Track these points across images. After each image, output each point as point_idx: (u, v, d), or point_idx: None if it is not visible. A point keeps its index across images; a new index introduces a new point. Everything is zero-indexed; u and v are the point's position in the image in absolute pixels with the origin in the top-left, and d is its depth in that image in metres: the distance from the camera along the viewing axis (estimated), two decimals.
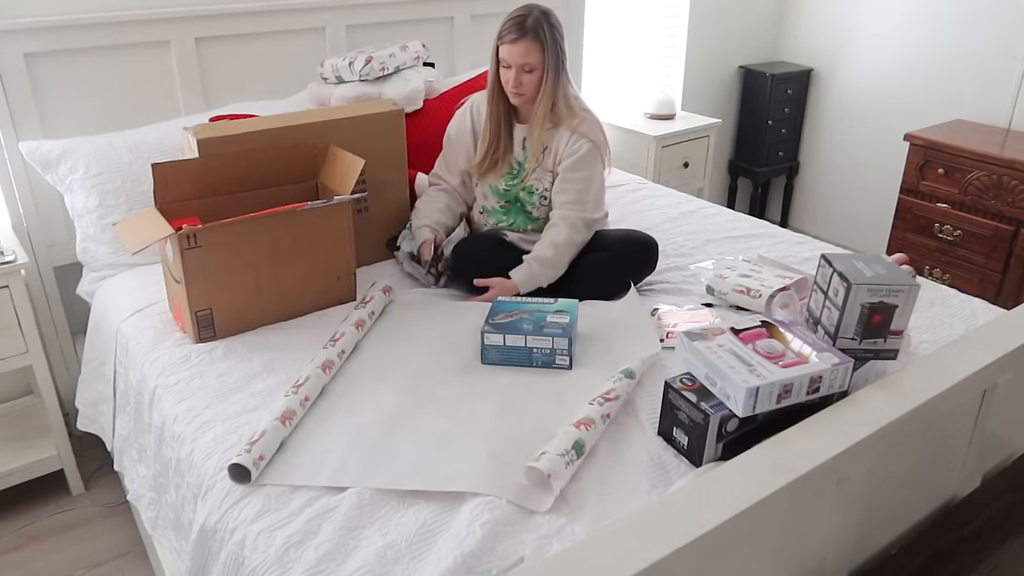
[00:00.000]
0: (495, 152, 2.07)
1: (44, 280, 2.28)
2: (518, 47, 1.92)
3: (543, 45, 1.93)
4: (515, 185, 2.08)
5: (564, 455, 1.32)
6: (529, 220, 2.11)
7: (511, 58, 1.93)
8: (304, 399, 1.52)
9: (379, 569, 1.16)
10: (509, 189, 2.09)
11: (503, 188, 2.10)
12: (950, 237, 3.02)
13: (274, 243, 1.81)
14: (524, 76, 1.95)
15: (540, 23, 1.92)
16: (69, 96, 2.22)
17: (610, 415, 1.46)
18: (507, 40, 1.93)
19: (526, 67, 1.93)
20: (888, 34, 3.47)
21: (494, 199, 2.12)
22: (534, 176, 2.05)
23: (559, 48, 1.96)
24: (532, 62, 1.93)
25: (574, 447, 1.35)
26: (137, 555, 2.06)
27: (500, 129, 2.06)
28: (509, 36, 1.93)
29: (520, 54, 1.92)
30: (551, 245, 1.98)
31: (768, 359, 1.33)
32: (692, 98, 3.72)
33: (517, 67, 1.94)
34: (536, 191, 2.06)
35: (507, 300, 1.81)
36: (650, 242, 2.06)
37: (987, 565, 1.32)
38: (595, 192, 2.03)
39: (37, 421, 2.34)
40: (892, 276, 1.36)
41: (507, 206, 2.12)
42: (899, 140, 3.15)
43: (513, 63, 1.94)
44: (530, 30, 1.91)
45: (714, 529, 0.95)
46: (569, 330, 1.66)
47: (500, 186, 2.10)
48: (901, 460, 1.30)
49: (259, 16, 2.42)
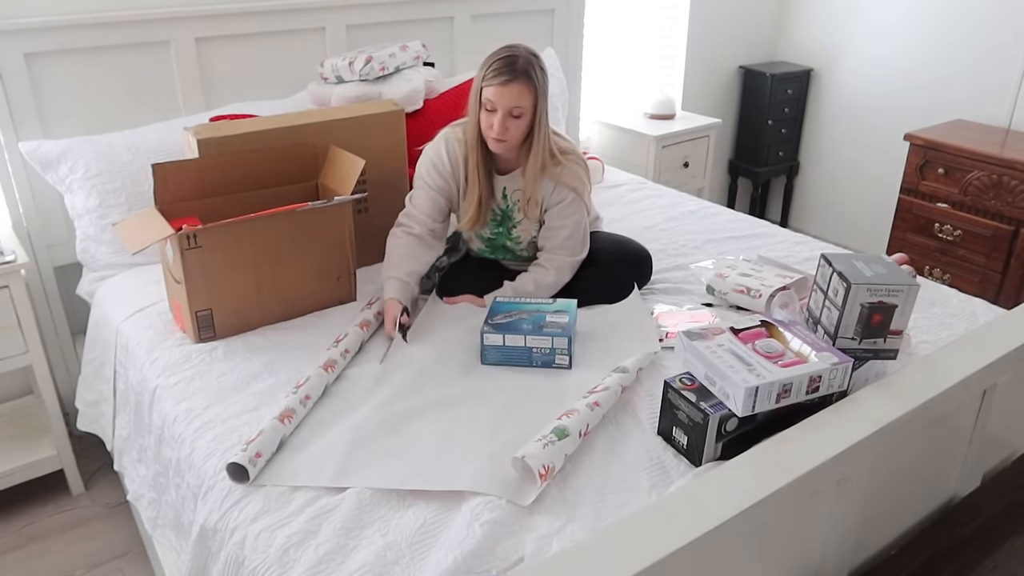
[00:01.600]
0: (481, 204, 1.91)
1: (44, 280, 2.28)
2: (509, 90, 1.74)
3: (536, 88, 1.77)
4: (501, 234, 1.99)
5: (541, 439, 1.34)
6: (517, 257, 2.05)
7: (500, 101, 1.75)
8: (304, 397, 1.52)
9: (379, 569, 1.16)
10: (495, 238, 2.00)
11: (488, 236, 2.01)
12: (950, 237, 3.02)
13: (274, 243, 1.81)
14: (511, 121, 1.77)
15: (531, 64, 1.76)
16: (69, 96, 2.22)
17: (599, 403, 1.47)
18: (496, 82, 1.74)
19: (515, 111, 1.76)
20: (888, 34, 3.47)
21: (478, 242, 2.04)
22: (520, 227, 1.96)
23: (547, 95, 1.82)
24: (523, 106, 1.76)
25: (553, 431, 1.36)
26: (137, 555, 2.06)
27: (483, 179, 1.89)
28: (499, 77, 1.74)
29: (511, 97, 1.74)
30: (533, 282, 1.91)
31: (767, 359, 1.33)
32: (692, 98, 3.72)
33: (504, 111, 1.75)
34: (523, 240, 1.98)
35: (506, 300, 1.81)
36: (643, 256, 2.02)
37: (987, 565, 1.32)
38: (581, 236, 1.94)
39: (37, 421, 2.34)
40: (892, 276, 1.36)
41: (493, 247, 2.04)
42: (899, 140, 3.15)
43: (501, 107, 1.75)
44: (522, 72, 1.74)
45: (714, 529, 0.95)
46: (568, 329, 1.67)
47: (485, 234, 2.01)
48: (901, 460, 1.30)
49: (259, 16, 2.42)
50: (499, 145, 1.82)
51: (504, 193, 1.93)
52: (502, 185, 1.93)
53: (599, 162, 2.88)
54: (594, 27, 3.32)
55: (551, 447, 1.33)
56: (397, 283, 1.86)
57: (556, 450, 1.33)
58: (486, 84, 1.77)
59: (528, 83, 1.75)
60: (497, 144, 1.82)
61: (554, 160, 1.87)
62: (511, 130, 1.78)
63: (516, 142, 1.83)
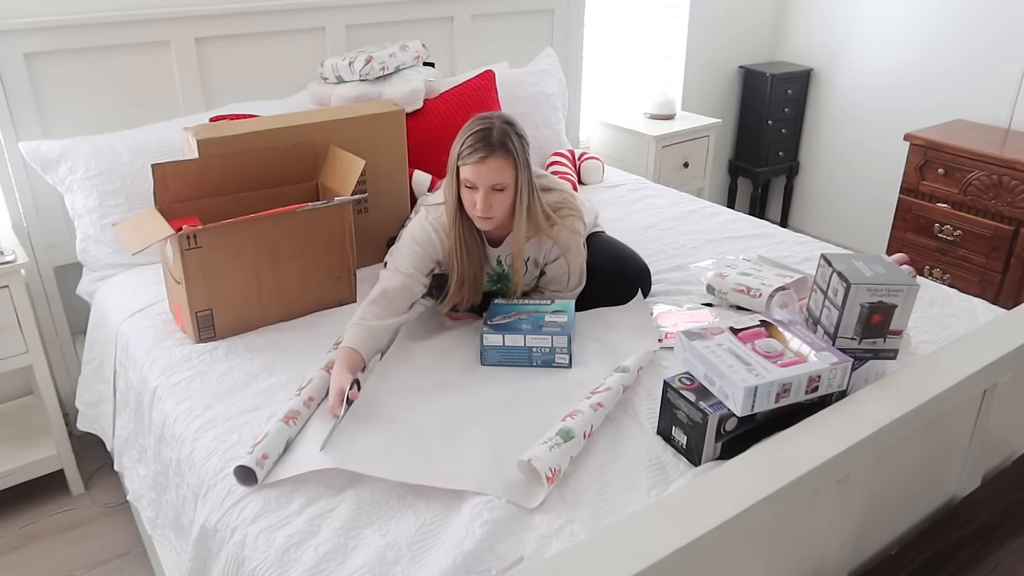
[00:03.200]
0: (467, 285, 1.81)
1: (44, 280, 2.28)
2: (486, 166, 1.64)
3: (515, 160, 1.66)
4: (500, 289, 1.92)
5: (547, 442, 1.34)
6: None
7: (478, 178, 1.65)
8: (308, 399, 1.52)
9: (379, 569, 1.16)
10: (494, 291, 1.93)
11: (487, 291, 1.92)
12: (950, 237, 3.02)
13: (274, 244, 1.81)
14: (494, 196, 1.68)
15: (507, 134, 1.66)
16: (69, 96, 2.22)
17: (602, 404, 1.47)
18: (472, 160, 1.64)
19: (497, 186, 1.67)
20: (888, 34, 3.47)
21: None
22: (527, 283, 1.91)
23: (528, 161, 1.72)
24: (504, 181, 1.66)
25: (559, 433, 1.37)
26: (137, 555, 2.06)
27: (468, 260, 1.79)
28: (475, 155, 1.64)
29: (489, 174, 1.65)
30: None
31: (767, 358, 1.33)
32: (692, 98, 3.72)
33: (486, 188, 1.66)
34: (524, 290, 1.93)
35: (504, 302, 1.81)
36: (642, 272, 1.98)
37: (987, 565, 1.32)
38: (579, 276, 1.89)
39: (37, 421, 2.34)
40: (892, 276, 1.36)
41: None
42: (899, 140, 3.15)
43: (481, 184, 1.66)
44: (498, 144, 1.64)
45: (714, 529, 0.95)
46: (568, 328, 1.67)
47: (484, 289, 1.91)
48: (901, 460, 1.30)
49: (259, 16, 2.42)
50: (486, 223, 1.73)
51: (499, 260, 1.86)
52: (496, 255, 1.85)
53: (599, 162, 2.88)
54: (594, 27, 3.32)
55: (557, 449, 1.33)
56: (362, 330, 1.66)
57: (562, 452, 1.34)
58: (462, 163, 1.67)
59: (506, 156, 1.65)
60: (484, 222, 1.73)
61: (548, 221, 1.79)
62: (495, 206, 1.69)
63: (503, 216, 1.73)
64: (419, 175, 2.32)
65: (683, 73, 3.66)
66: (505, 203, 1.71)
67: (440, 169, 2.36)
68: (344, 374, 1.55)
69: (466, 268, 1.79)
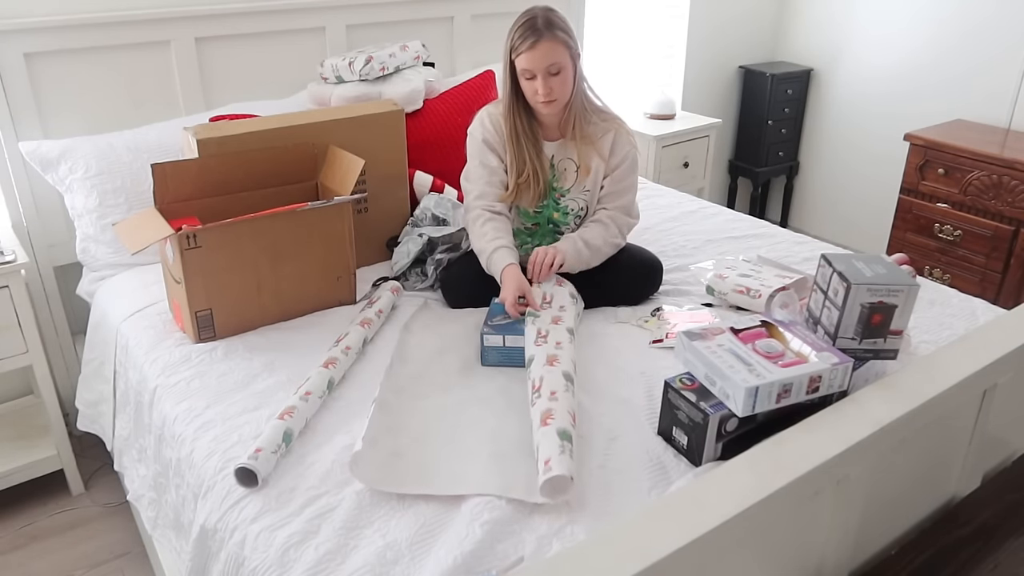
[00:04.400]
0: (529, 175, 1.90)
1: (44, 280, 2.28)
2: (539, 50, 1.76)
3: (566, 40, 1.78)
4: (547, 206, 1.96)
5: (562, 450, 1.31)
6: (556, 240, 1.97)
7: (534, 64, 1.76)
8: (305, 394, 1.52)
9: (379, 569, 1.16)
10: (540, 211, 1.98)
11: (533, 211, 1.98)
12: (950, 237, 3.02)
13: (274, 243, 1.80)
14: (553, 80, 1.78)
15: (552, 19, 1.78)
16: (69, 96, 2.22)
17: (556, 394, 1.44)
18: (524, 47, 1.76)
19: (552, 68, 1.77)
20: (888, 34, 3.47)
21: (521, 221, 2.01)
22: (568, 197, 1.95)
23: (576, 44, 1.82)
24: (559, 61, 1.77)
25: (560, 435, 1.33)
26: (137, 555, 2.06)
27: (527, 151, 1.89)
28: (526, 42, 1.76)
29: (543, 56, 1.76)
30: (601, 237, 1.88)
31: (767, 359, 1.33)
32: (692, 98, 3.72)
33: (543, 72, 1.77)
34: (571, 211, 1.96)
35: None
36: (655, 264, 1.99)
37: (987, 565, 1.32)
38: (634, 200, 1.98)
39: (37, 421, 2.34)
40: (892, 276, 1.36)
41: (535, 228, 2.01)
42: (899, 140, 3.15)
43: (537, 69, 1.77)
44: (545, 28, 1.76)
45: (714, 529, 0.95)
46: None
47: (531, 209, 1.98)
48: (901, 460, 1.30)
49: (259, 16, 2.42)
50: (550, 107, 1.82)
51: (552, 163, 1.92)
52: (550, 153, 1.92)
53: None
54: (594, 27, 3.32)
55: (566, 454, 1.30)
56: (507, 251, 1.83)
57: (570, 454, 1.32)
58: (516, 54, 1.79)
59: (555, 37, 1.76)
60: (548, 106, 1.82)
61: (601, 121, 1.89)
62: (555, 89, 1.79)
63: (565, 99, 1.83)
64: (420, 176, 2.32)
65: (683, 73, 3.66)
66: (565, 85, 1.80)
67: (440, 169, 2.36)
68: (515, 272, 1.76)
69: (525, 157, 1.88)
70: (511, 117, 1.87)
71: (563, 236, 1.93)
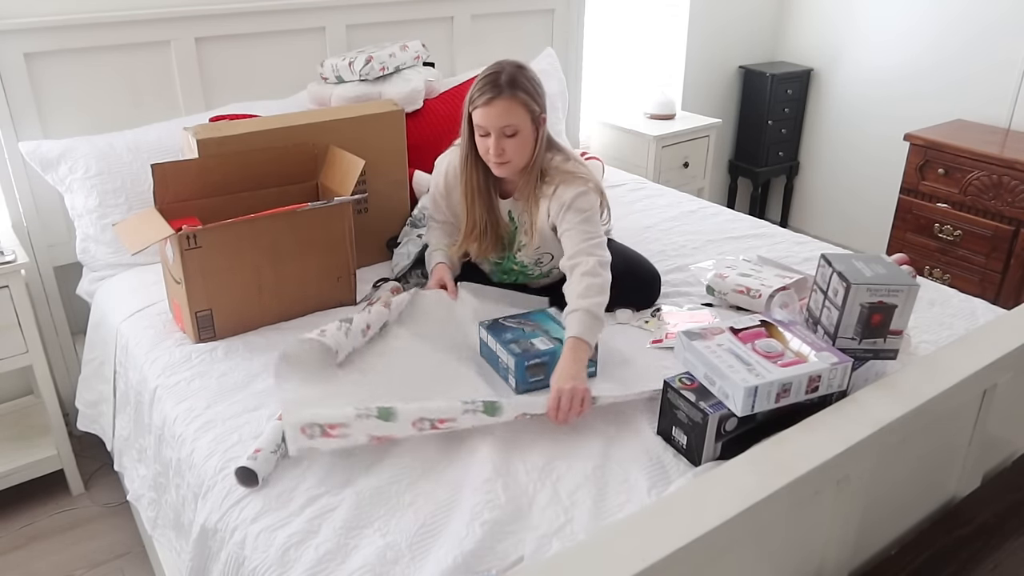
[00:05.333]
0: (479, 233, 1.82)
1: (44, 280, 2.28)
2: (495, 107, 1.65)
3: (525, 101, 1.66)
4: (506, 258, 1.90)
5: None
6: (528, 277, 1.94)
7: (488, 122, 1.66)
8: None
9: (379, 569, 1.16)
10: (501, 262, 1.92)
11: (494, 260, 1.92)
12: (950, 237, 3.02)
13: (274, 244, 1.80)
14: (506, 142, 1.67)
15: (516, 78, 1.66)
16: (69, 96, 2.22)
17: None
18: (480, 102, 1.65)
19: (507, 130, 1.66)
20: (888, 34, 3.47)
21: (487, 266, 1.96)
22: (523, 252, 1.86)
23: (541, 105, 1.71)
24: (514, 123, 1.66)
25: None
26: (137, 555, 2.06)
27: (479, 207, 1.80)
28: (483, 97, 1.65)
29: (499, 115, 1.65)
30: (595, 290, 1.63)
31: (767, 359, 1.33)
32: (692, 98, 3.72)
33: (497, 131, 1.66)
34: (529, 263, 1.88)
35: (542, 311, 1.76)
36: (652, 276, 1.95)
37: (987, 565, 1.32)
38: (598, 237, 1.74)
39: (37, 421, 2.34)
40: (892, 276, 1.36)
41: (501, 271, 1.95)
42: (899, 140, 3.15)
43: (491, 127, 1.66)
44: (506, 86, 1.65)
45: (714, 529, 0.95)
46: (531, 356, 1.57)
47: (491, 258, 1.91)
48: (901, 460, 1.30)
49: (259, 16, 2.42)
50: (502, 168, 1.72)
51: (511, 217, 1.84)
52: (507, 208, 1.83)
53: (599, 162, 2.88)
54: (594, 27, 3.32)
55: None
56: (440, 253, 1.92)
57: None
58: (472, 108, 1.68)
59: (514, 97, 1.65)
60: (500, 168, 1.72)
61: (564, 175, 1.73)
62: (508, 151, 1.68)
63: (520, 162, 1.72)
64: (420, 176, 2.32)
65: (683, 73, 3.65)
66: (519, 147, 1.69)
67: None
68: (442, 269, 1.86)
69: (476, 215, 1.81)
70: (466, 170, 1.78)
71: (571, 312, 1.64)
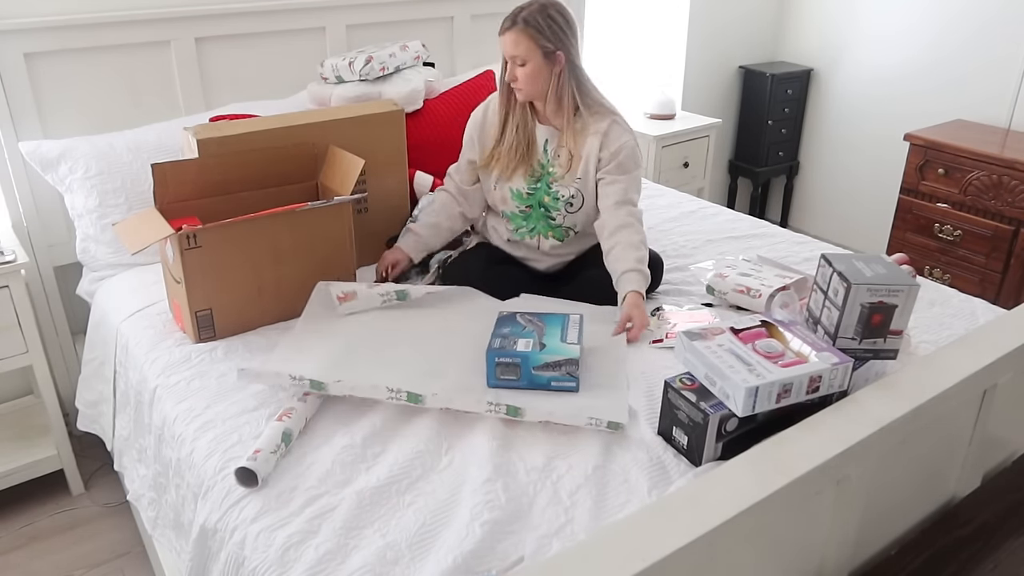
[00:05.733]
0: (513, 151, 1.94)
1: (44, 280, 2.28)
2: (506, 38, 1.83)
3: (533, 35, 1.80)
4: (539, 189, 1.96)
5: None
6: (550, 227, 1.99)
7: (503, 49, 1.85)
8: (304, 394, 1.52)
9: (379, 569, 1.16)
10: (532, 193, 1.97)
11: (525, 192, 1.97)
12: (950, 237, 3.02)
13: (274, 243, 1.80)
14: (518, 70, 1.84)
15: (534, 13, 1.81)
16: (69, 96, 2.22)
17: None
18: (500, 32, 1.85)
19: (516, 60, 1.83)
20: (888, 34, 3.47)
21: (514, 203, 1.99)
22: (560, 183, 1.94)
23: (560, 40, 1.82)
24: (520, 54, 1.82)
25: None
26: (137, 555, 2.06)
27: (513, 126, 1.94)
28: (501, 27, 1.85)
29: (509, 45, 1.83)
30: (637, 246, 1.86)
31: (767, 359, 1.33)
32: (692, 98, 3.72)
33: (510, 59, 1.85)
34: (562, 197, 1.95)
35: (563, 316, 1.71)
36: (655, 261, 1.98)
37: (987, 565, 1.32)
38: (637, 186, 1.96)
39: (37, 421, 2.34)
40: (892, 276, 1.36)
41: (528, 211, 1.99)
42: (899, 140, 3.15)
43: (505, 55, 1.85)
44: (519, 19, 1.81)
45: (714, 529, 0.95)
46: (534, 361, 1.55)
47: (523, 190, 1.97)
48: (901, 460, 1.30)
49: (259, 16, 2.42)
50: (518, 94, 1.89)
51: (545, 147, 1.95)
52: (543, 137, 1.95)
53: None
54: (594, 27, 3.32)
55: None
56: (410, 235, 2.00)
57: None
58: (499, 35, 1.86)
59: (523, 32, 1.80)
60: (516, 93, 1.89)
61: (592, 113, 1.90)
62: (520, 79, 1.84)
63: (531, 91, 1.87)
64: (420, 176, 2.32)
65: (683, 73, 3.66)
66: (528, 76, 1.83)
67: (441, 170, 2.36)
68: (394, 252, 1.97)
69: (509, 127, 1.95)
70: (504, 91, 1.94)
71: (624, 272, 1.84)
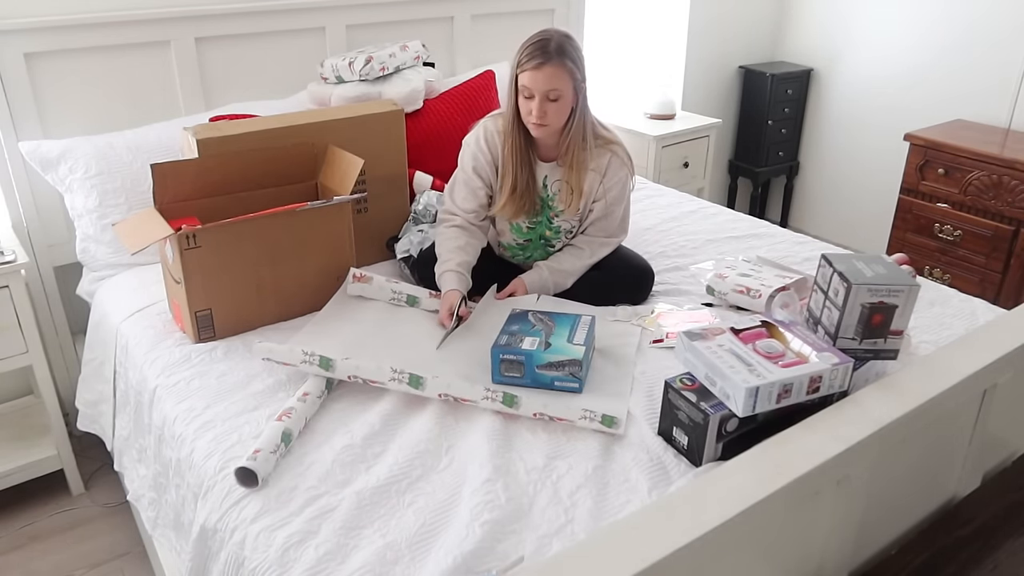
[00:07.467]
0: (519, 193, 1.91)
1: (44, 280, 2.28)
2: (543, 73, 1.75)
3: (571, 69, 1.78)
4: (539, 223, 1.98)
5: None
6: (547, 253, 2.03)
7: (535, 85, 1.76)
8: (303, 394, 1.52)
9: (379, 569, 1.16)
10: (533, 227, 1.99)
11: (526, 227, 1.99)
12: (950, 237, 3.02)
13: (274, 243, 1.80)
14: (549, 105, 1.78)
15: (564, 46, 1.77)
16: (69, 96, 2.22)
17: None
18: (529, 66, 1.76)
19: (551, 94, 1.77)
20: (888, 34, 3.47)
21: (513, 236, 2.02)
22: (561, 217, 1.96)
23: (583, 74, 1.82)
24: (559, 88, 1.77)
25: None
26: (137, 555, 2.06)
27: (520, 168, 1.90)
28: (532, 61, 1.75)
29: (545, 80, 1.75)
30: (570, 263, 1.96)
31: (768, 359, 1.33)
32: (692, 98, 3.72)
33: (541, 95, 1.77)
34: (563, 230, 1.99)
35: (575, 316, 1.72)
36: (646, 272, 2.01)
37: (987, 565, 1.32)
38: (624, 216, 2.01)
39: (37, 421, 2.34)
40: (892, 276, 1.36)
41: (527, 243, 2.03)
42: (899, 140, 3.15)
43: (537, 91, 1.76)
44: (555, 53, 1.75)
45: (714, 529, 0.95)
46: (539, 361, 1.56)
47: (523, 224, 1.99)
48: (901, 460, 1.30)
49: (259, 16, 2.42)
50: (540, 130, 1.83)
51: (545, 183, 1.94)
52: (543, 174, 1.94)
53: None
54: (594, 27, 3.32)
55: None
56: (453, 275, 1.86)
57: None
58: (520, 70, 1.78)
59: (562, 65, 1.76)
60: (538, 129, 1.83)
61: (599, 144, 1.90)
62: (550, 114, 1.79)
63: (557, 126, 1.83)
64: (420, 176, 2.32)
65: (683, 73, 3.65)
66: (559, 112, 1.81)
67: (440, 169, 2.36)
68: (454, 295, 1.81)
69: (519, 174, 1.90)
70: (512, 132, 1.88)
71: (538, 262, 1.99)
